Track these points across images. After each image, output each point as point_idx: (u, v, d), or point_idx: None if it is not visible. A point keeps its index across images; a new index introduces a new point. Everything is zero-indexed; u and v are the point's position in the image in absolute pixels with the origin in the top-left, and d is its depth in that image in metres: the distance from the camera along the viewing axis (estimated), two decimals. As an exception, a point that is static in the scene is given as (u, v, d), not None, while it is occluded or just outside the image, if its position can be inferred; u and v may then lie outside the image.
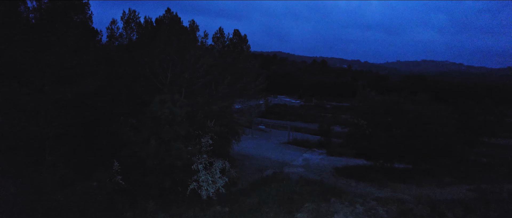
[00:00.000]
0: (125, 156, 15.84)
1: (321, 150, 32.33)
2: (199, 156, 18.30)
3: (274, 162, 26.93)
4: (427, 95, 21.57)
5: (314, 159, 28.67)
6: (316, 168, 25.58)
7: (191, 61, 20.03)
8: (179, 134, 16.50)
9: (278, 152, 30.46)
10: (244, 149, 30.67)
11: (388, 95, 22.13)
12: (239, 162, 26.34)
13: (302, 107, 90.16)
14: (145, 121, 16.47)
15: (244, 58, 22.39)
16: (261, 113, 24.75)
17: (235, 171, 23.19)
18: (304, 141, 34.99)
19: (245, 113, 23.23)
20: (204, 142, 18.54)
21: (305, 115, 72.94)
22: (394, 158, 21.84)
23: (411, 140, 19.97)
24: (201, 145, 18.45)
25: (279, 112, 76.60)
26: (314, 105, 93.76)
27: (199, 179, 17.64)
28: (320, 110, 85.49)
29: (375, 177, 21.40)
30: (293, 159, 28.41)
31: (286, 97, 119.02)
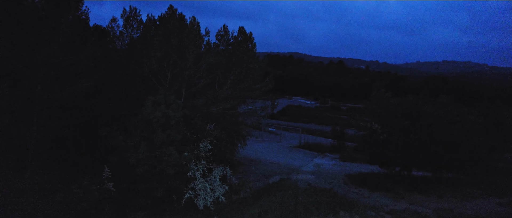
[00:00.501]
0: (113, 162, 14.63)
1: (333, 155, 30.51)
2: (197, 162, 16.97)
3: (283, 168, 25.34)
4: (450, 97, 19.55)
5: (326, 165, 26.91)
6: (327, 174, 23.85)
7: (190, 60, 18.73)
8: (173, 138, 15.19)
9: (287, 157, 28.85)
10: (252, 153, 29.21)
11: (406, 97, 20.22)
12: (245, 167, 24.90)
13: (317, 109, 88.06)
14: (137, 124, 15.25)
15: (249, 57, 20.90)
16: (269, 115, 22.99)
17: (237, 178, 21.78)
18: (316, 145, 33.23)
19: (250, 115, 21.75)
20: (203, 146, 17.19)
21: (319, 117, 70.93)
22: (412, 165, 19.90)
23: (431, 146, 18.02)
24: (199, 150, 17.12)
25: (292, 114, 74.90)
26: (329, 107, 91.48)
27: (196, 187, 16.30)
28: (335, 111, 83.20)
29: (390, 186, 19.54)
30: (303, 164, 26.74)
31: (301, 98, 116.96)
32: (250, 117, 21.75)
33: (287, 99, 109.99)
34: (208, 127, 17.89)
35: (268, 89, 22.52)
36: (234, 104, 20.90)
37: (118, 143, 14.78)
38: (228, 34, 22.13)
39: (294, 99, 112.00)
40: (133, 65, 19.89)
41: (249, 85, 21.16)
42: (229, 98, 20.59)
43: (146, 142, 14.78)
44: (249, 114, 21.74)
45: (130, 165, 14.38)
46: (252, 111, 21.83)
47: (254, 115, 21.91)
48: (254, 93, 21.75)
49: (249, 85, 21.16)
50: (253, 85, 21.57)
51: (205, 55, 19.42)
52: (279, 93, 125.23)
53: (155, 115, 14.69)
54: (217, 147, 18.82)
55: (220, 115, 19.91)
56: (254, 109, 22.09)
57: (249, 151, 29.85)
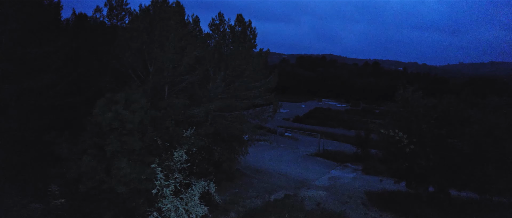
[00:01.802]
0: (53, 175, 11.66)
1: (355, 165, 26.13)
2: (169, 176, 13.66)
3: (292, 180, 21.49)
4: (505, 99, 14.88)
5: (344, 178, 22.70)
6: (344, 191, 19.72)
7: (170, 52, 15.49)
8: (131, 147, 11.96)
9: (301, 167, 24.90)
10: (259, 162, 25.58)
11: (442, 97, 15.74)
12: (246, 179, 21.32)
13: (347, 112, 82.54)
14: (89, 129, 12.19)
15: (246, 50, 17.35)
16: (265, 119, 19.21)
17: (232, 193, 18.33)
18: (336, 153, 28.94)
19: (241, 119, 18.17)
20: (177, 157, 13.85)
21: (348, 121, 65.71)
22: (451, 185, 15.36)
23: (478, 163, 13.53)
24: (172, 161, 13.79)
25: (320, 117, 70.12)
26: (361, 110, 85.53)
27: (164, 207, 12.98)
28: (367, 115, 77.27)
29: (421, 212, 15.15)
30: (317, 176, 22.71)
31: (331, 101, 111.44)
32: (242, 121, 18.13)
33: (316, 102, 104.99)
34: (187, 132, 14.52)
35: (270, 89, 18.79)
36: (224, 106, 17.39)
37: (62, 152, 11.80)
38: (224, 23, 18.67)
39: (323, 102, 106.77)
40: (112, 59, 17.01)
41: (245, 83, 17.59)
42: (219, 98, 17.14)
43: (94, 151, 11.66)
44: (241, 118, 18.14)
45: (72, 180, 11.33)
46: (252, 113, 18.25)
47: (256, 117, 18.30)
48: (252, 92, 18.13)
49: (245, 83, 17.59)
50: (251, 83, 17.96)
51: (189, 46, 16.10)
52: (309, 96, 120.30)
53: (106, 117, 11.53)
54: (200, 156, 15.42)
55: (205, 118, 16.50)
56: (254, 112, 18.45)
57: (257, 159, 26.25)
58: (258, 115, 18.47)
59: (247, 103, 18.55)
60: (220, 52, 17.95)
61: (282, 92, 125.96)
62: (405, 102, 15.58)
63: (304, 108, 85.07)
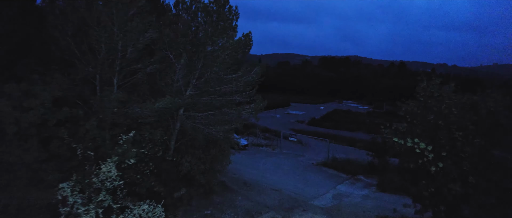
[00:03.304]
0: None
1: (369, 179, 21.51)
2: (93, 198, 9.85)
3: (286, 198, 17.23)
4: None
5: (353, 196, 18.21)
6: (350, 214, 15.31)
7: (116, 35, 11.73)
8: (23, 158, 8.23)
9: (301, 179, 20.57)
10: (252, 171, 21.46)
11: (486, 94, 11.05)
12: (228, 196, 17.24)
13: (368, 114, 76.82)
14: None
15: (219, 33, 13.30)
16: (241, 121, 14.89)
17: (202, 216, 14.38)
18: (347, 162, 24.32)
19: (215, 121, 14.09)
20: (105, 172, 10.01)
21: (369, 124, 60.21)
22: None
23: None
24: (99, 177, 9.98)
25: (338, 119, 65.11)
26: (384, 113, 79.48)
27: (74, 247, 9.17)
28: (390, 117, 71.37)
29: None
30: (319, 193, 18.35)
31: (353, 102, 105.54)
32: (220, 124, 14.02)
33: (336, 103, 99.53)
34: (126, 137, 10.67)
35: (250, 83, 14.64)
36: (191, 103, 13.40)
37: None
38: (198, 1, 14.70)
39: (344, 103, 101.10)
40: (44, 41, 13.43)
41: (217, 74, 13.55)
42: (187, 93, 13.19)
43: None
44: (214, 121, 14.04)
45: None
46: (211, 117, 14.14)
47: (226, 121, 14.13)
48: (228, 87, 14.05)
49: (217, 74, 13.55)
50: (225, 75, 13.88)
51: (139, 25, 12.24)
52: (329, 97, 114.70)
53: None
54: (147, 169, 11.51)
55: (156, 118, 12.58)
56: (228, 112, 14.27)
57: (250, 167, 22.18)
58: (232, 119, 14.28)
59: (222, 101, 14.48)
60: (189, 36, 13.98)
61: (302, 93, 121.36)
62: (429, 99, 11.03)
63: (322, 110, 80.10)
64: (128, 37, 12.23)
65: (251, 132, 35.16)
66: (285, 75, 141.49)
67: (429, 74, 12.84)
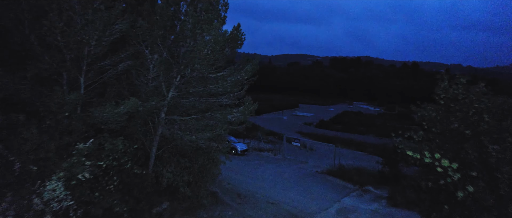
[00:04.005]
0: None
1: (379, 191, 19.28)
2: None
3: (283, 214, 15.18)
4: None
5: (360, 212, 16.03)
6: (355, 236, 13.18)
7: (83, 22, 9.92)
8: None
9: (302, 191, 18.47)
10: (250, 180, 19.48)
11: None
12: (217, 210, 15.26)
13: (380, 116, 74.04)
14: None
15: (204, 25, 11.34)
16: (226, 128, 12.80)
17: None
18: (355, 171, 22.09)
19: (201, 127, 12.12)
20: (50, 190, 8.17)
21: (380, 127, 57.59)
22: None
23: None
24: (42, 197, 8.13)
25: (348, 122, 62.52)
26: (396, 115, 76.54)
27: None
28: (403, 120, 68.41)
29: None
30: (321, 207, 16.24)
31: (364, 104, 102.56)
32: (202, 131, 12.05)
33: (346, 105, 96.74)
34: (79, 147, 8.81)
35: (241, 82, 12.64)
36: (170, 105, 11.47)
37: None
38: (181, -12, 12.81)
39: (355, 105, 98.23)
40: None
41: (199, 72, 11.61)
42: (165, 94, 11.30)
43: None
44: (197, 126, 12.09)
45: None
46: (195, 121, 12.17)
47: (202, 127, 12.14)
48: (213, 87, 12.09)
49: (199, 72, 11.61)
50: (210, 74, 11.93)
51: (104, 16, 10.39)
52: (339, 98, 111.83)
53: None
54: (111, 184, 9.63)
55: (123, 124, 10.69)
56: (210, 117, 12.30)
57: (248, 176, 20.21)
58: (216, 124, 12.27)
59: (206, 103, 12.53)
60: (167, 28, 12.08)
61: (312, 94, 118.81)
62: (452, 102, 8.86)
63: (332, 112, 77.56)
64: (91, 28, 10.38)
65: (254, 135, 33.15)
66: (295, 76, 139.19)
67: (445, 74, 10.82)
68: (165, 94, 12.79)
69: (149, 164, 14.12)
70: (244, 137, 34.27)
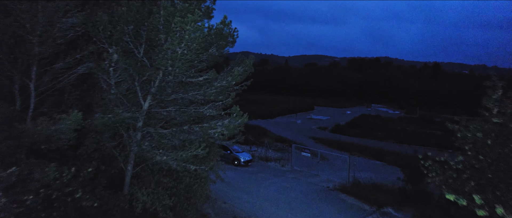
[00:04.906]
0: None
1: (400, 213, 16.49)
2: None
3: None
4: None
5: (378, 243, 13.33)
6: None
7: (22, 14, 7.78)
8: None
9: (310, 214, 15.88)
10: (250, 200, 17.02)
11: None
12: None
13: (400, 120, 70.14)
14: None
15: (180, 16, 9.01)
16: (205, 148, 10.27)
17: None
18: (372, 188, 19.34)
19: (181, 142, 9.79)
20: None
21: (401, 132, 54.06)
22: None
23: None
24: None
25: (365, 126, 59.13)
26: (418, 118, 72.48)
27: None
28: (425, 124, 64.45)
29: None
30: (331, 236, 13.63)
31: (383, 107, 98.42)
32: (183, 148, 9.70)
33: (364, 108, 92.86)
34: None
35: (229, 87, 10.22)
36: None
37: None
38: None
39: (373, 107, 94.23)
40: None
41: (176, 76, 9.29)
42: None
43: None
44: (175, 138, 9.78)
45: None
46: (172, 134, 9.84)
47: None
48: (194, 94, 9.74)
49: (176, 76, 9.29)
50: (189, 78, 9.59)
51: (48, 7, 8.21)
52: (357, 100, 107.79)
53: None
54: None
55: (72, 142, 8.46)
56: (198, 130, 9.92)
57: (248, 193, 17.77)
58: (197, 139, 9.88)
59: (186, 114, 10.18)
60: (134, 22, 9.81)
61: (329, 96, 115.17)
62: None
63: (349, 115, 74.12)
64: (35, 21, 8.21)
65: (263, 142, 30.66)
66: (311, 77, 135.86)
67: (469, 76, 8.37)
68: (142, 103, 10.55)
69: (124, 184, 11.95)
70: (252, 144, 31.86)
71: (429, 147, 43.21)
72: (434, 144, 44.06)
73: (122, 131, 11.00)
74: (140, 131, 10.65)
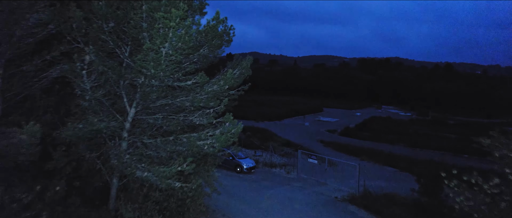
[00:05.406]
0: None
1: (417, 230, 15.02)
2: None
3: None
4: None
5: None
6: None
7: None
8: None
9: (316, 227, 14.55)
10: (251, 212, 15.72)
11: None
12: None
13: (412, 122, 68.12)
14: None
15: (165, 10, 7.83)
16: (189, 163, 8.99)
17: None
18: (384, 198, 17.91)
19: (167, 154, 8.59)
20: None
21: (413, 134, 52.18)
22: None
23: None
24: None
25: (376, 129, 57.41)
26: (430, 121, 70.31)
27: None
28: (438, 127, 62.36)
29: None
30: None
31: (393, 108, 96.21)
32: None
33: (375, 109, 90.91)
34: None
35: (218, 93, 8.97)
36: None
37: None
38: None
39: (383, 109, 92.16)
40: None
41: (160, 80, 8.10)
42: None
43: None
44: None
45: None
46: None
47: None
48: (182, 100, 8.55)
49: (160, 80, 8.10)
50: (175, 82, 8.39)
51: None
52: (367, 102, 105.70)
53: None
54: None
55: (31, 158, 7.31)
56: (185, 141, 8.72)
57: (249, 205, 16.49)
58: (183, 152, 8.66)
59: (173, 123, 8.99)
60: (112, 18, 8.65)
61: (338, 97, 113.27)
62: None
63: (359, 117, 72.34)
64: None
65: (267, 147, 29.38)
66: (320, 78, 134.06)
67: (482, 76, 7.10)
68: (128, 110, 9.40)
69: (110, 198, 10.83)
70: (257, 148, 30.61)
71: (443, 152, 41.43)
72: (448, 148, 42.20)
73: (107, 139, 9.89)
74: (124, 140, 9.50)
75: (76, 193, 8.72)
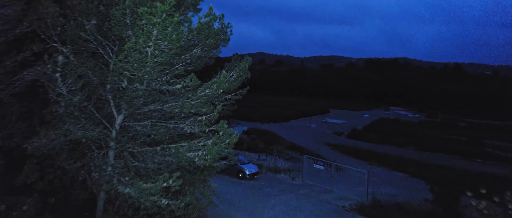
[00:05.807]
0: None
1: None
2: None
3: None
4: None
5: None
6: None
7: None
8: None
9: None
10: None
11: None
12: None
13: (421, 124, 66.49)
14: None
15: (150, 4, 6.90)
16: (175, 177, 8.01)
17: None
18: (395, 208, 16.78)
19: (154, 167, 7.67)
20: None
21: (422, 137, 50.68)
22: None
23: None
24: None
25: (384, 131, 55.93)
26: (440, 123, 68.61)
27: None
28: (448, 129, 60.73)
29: None
30: None
31: (402, 110, 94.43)
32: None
33: (383, 111, 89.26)
34: None
35: (211, 98, 8.00)
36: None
37: None
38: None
39: (391, 110, 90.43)
40: None
41: (147, 84, 7.17)
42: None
43: None
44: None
45: None
46: None
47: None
48: (172, 106, 7.62)
49: (147, 84, 7.17)
50: (163, 86, 7.46)
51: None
52: (375, 103, 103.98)
53: None
54: None
55: None
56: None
57: (250, 215, 15.50)
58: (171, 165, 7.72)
59: (163, 131, 8.06)
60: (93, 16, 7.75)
61: (345, 99, 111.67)
62: None
63: (366, 118, 70.90)
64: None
65: (272, 150, 28.35)
66: (327, 79, 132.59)
67: (493, 77, 6.16)
68: (115, 116, 8.50)
69: (96, 211, 9.93)
70: (261, 152, 29.60)
71: (454, 155, 39.99)
72: (459, 151, 40.73)
73: (95, 149, 8.99)
74: (111, 149, 8.59)
75: (50, 210, 7.82)
